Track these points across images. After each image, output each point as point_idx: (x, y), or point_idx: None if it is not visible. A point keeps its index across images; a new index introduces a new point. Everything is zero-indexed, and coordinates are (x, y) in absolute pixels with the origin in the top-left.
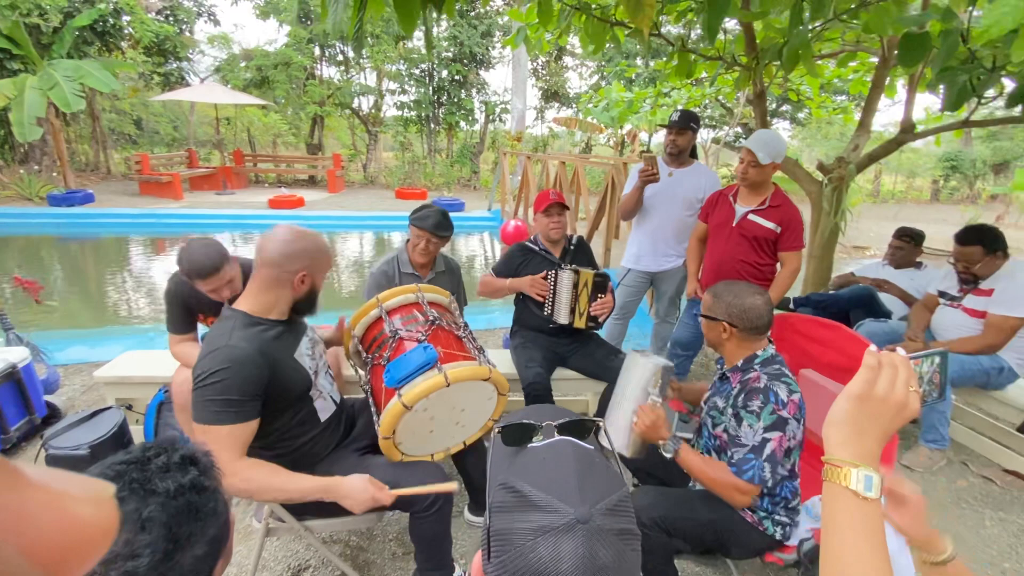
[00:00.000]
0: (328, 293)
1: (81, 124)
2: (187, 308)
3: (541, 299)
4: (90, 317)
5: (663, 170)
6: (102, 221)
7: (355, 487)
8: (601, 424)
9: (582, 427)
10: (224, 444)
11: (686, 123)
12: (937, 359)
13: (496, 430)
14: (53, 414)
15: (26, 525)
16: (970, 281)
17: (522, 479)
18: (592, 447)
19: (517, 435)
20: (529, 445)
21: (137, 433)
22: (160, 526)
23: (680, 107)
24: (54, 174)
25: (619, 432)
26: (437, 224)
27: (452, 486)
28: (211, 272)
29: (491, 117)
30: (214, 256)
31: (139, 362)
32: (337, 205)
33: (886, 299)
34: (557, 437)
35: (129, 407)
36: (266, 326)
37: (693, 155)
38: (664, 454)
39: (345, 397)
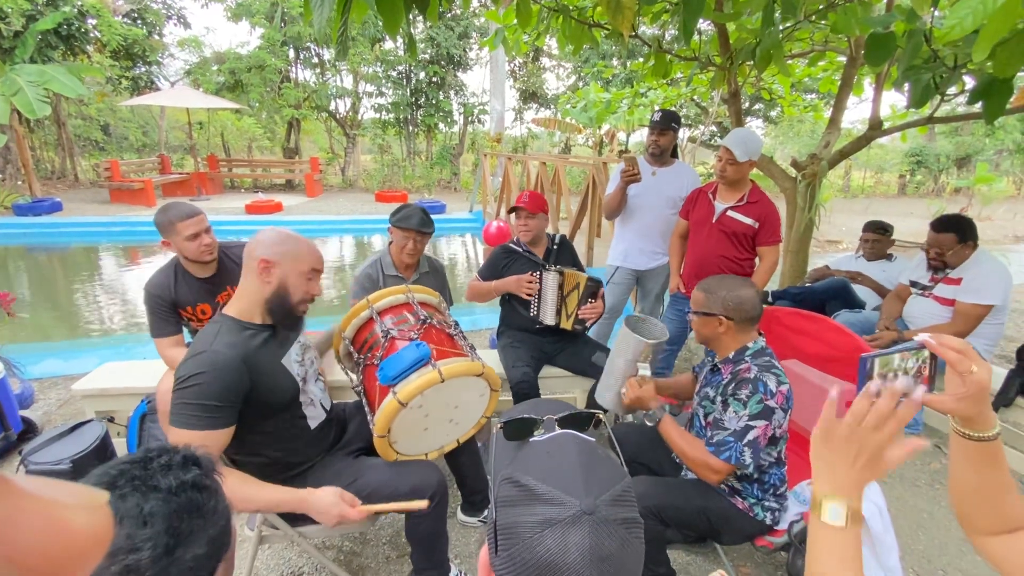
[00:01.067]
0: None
1: (46, 131)
2: (170, 305)
3: (528, 297)
4: (63, 329)
5: (646, 170)
6: (71, 230)
7: (324, 502)
8: (601, 416)
9: (582, 420)
10: None
11: (668, 123)
12: (926, 353)
13: (498, 425)
14: (29, 429)
15: (15, 533)
16: (940, 268)
17: (526, 473)
18: (592, 439)
19: (519, 430)
20: (531, 439)
21: (120, 446)
22: (161, 520)
23: (659, 107)
24: (19, 183)
25: (609, 394)
26: (421, 221)
27: (422, 504)
28: (191, 213)
29: (470, 119)
30: (192, 205)
31: (119, 373)
32: (316, 209)
33: (860, 290)
34: (558, 431)
35: (111, 419)
36: (253, 331)
37: (674, 154)
38: (647, 422)
39: (335, 402)
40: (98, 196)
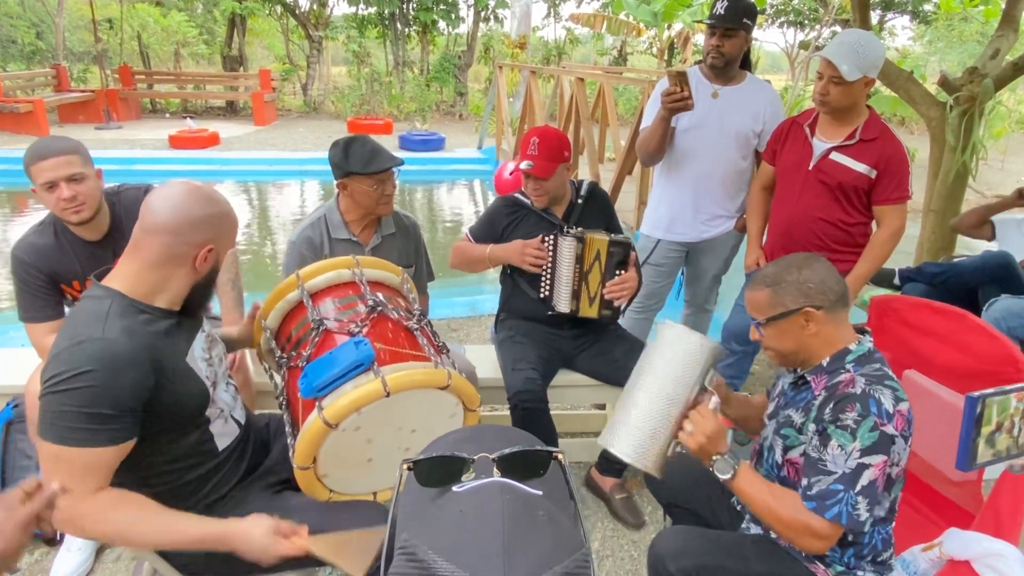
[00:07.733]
0: (257, 269)
1: None
2: (48, 277)
3: (538, 270)
4: None
5: (705, 89)
6: None
7: (254, 534)
8: (560, 457)
9: (534, 461)
10: (80, 471)
11: (737, 19)
12: None
13: (406, 465)
14: None
15: None
16: None
17: (428, 541)
18: (539, 493)
19: (437, 473)
20: (454, 487)
21: None
22: None
23: None
24: None
25: (640, 437)
26: (390, 158)
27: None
28: (47, 153)
29: (483, 14)
30: (70, 141)
31: None
32: (266, 143)
33: None
34: (493, 478)
35: None
36: (152, 316)
37: (746, 66)
38: (717, 475)
39: (258, 414)
40: None
